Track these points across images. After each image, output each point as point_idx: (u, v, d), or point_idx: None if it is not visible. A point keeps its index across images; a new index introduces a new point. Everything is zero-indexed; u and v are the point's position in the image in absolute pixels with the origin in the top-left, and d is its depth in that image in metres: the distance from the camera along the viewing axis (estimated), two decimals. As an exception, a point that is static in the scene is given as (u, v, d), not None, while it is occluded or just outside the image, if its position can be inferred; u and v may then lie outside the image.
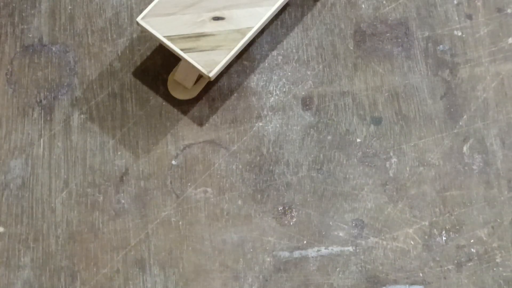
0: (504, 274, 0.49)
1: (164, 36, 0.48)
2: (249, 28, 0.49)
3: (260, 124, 0.53)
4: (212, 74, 0.48)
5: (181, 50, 0.48)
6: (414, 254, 0.49)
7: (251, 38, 0.49)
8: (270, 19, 0.49)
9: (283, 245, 0.50)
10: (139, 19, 0.49)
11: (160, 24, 0.48)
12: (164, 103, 0.53)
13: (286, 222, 0.51)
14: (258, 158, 0.52)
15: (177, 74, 0.51)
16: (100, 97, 0.54)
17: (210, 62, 0.48)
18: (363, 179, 0.51)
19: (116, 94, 0.54)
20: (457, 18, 0.54)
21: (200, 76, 0.49)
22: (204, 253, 0.50)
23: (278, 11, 0.52)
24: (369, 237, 0.50)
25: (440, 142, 0.51)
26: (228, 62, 0.48)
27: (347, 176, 0.51)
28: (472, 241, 0.49)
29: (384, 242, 0.49)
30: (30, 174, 0.52)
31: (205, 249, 0.50)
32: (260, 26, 0.49)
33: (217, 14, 0.49)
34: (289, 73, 0.54)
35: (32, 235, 0.51)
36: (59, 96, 0.54)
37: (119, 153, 0.52)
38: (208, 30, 0.48)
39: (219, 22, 0.49)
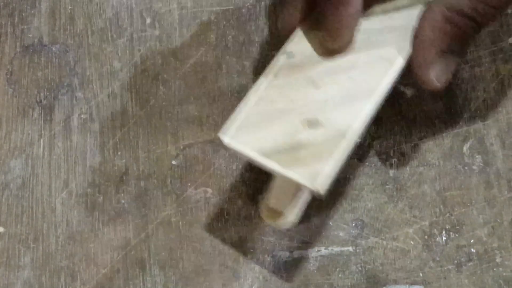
0: (504, 274, 0.49)
1: (257, 153, 0.41)
2: (350, 129, 0.41)
3: (260, 124, 0.53)
4: (321, 188, 0.40)
5: (280, 166, 0.41)
6: (414, 254, 0.49)
7: (354, 141, 0.42)
8: (371, 115, 0.42)
9: (283, 245, 0.50)
10: (224, 137, 0.41)
11: (250, 140, 0.41)
12: (164, 103, 0.53)
13: (286, 222, 0.51)
14: (258, 158, 0.52)
15: (272, 199, 0.45)
16: (100, 97, 0.54)
17: (316, 175, 0.40)
18: (363, 179, 0.51)
19: (116, 94, 0.54)
20: (457, 18, 0.54)
21: (295, 195, 0.43)
22: (204, 253, 0.50)
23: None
24: (369, 237, 0.50)
25: (440, 142, 0.51)
26: (336, 172, 0.41)
27: (347, 176, 0.51)
28: (472, 241, 0.49)
29: (384, 242, 0.49)
30: (30, 174, 0.52)
31: (205, 249, 0.50)
32: (361, 125, 0.42)
33: (311, 119, 0.42)
34: (289, 73, 0.54)
35: (32, 235, 0.51)
36: (59, 96, 0.54)
37: (119, 153, 0.52)
38: (306, 139, 0.41)
39: (316, 127, 0.42)
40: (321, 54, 0.45)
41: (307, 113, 0.43)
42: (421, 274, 0.49)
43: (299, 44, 0.45)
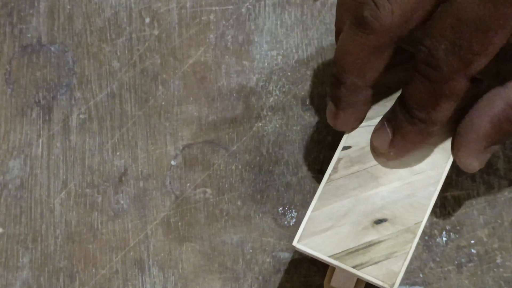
0: (504, 275, 0.49)
1: (330, 256, 0.42)
2: (418, 224, 0.43)
3: (260, 124, 0.52)
4: (395, 286, 0.42)
5: (353, 267, 0.42)
6: (414, 255, 0.49)
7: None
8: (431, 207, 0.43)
9: (283, 245, 0.50)
10: (295, 243, 0.43)
11: (320, 244, 0.42)
12: (163, 104, 0.53)
13: (286, 222, 0.50)
14: (258, 158, 0.52)
15: (334, 281, 0.46)
16: (99, 97, 0.53)
17: (390, 274, 0.42)
18: (363, 180, 0.51)
19: (115, 94, 0.53)
20: (457, 18, 0.54)
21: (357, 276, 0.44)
22: (203, 254, 0.50)
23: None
24: (369, 237, 0.49)
25: (441, 142, 0.51)
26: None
27: (347, 176, 0.51)
28: (472, 241, 0.49)
29: (384, 243, 0.49)
30: (29, 174, 0.52)
31: (205, 250, 0.50)
32: (427, 219, 0.43)
33: (377, 216, 0.43)
34: (289, 73, 0.53)
35: (31, 236, 0.51)
36: (58, 96, 0.54)
37: (118, 153, 0.52)
38: (375, 237, 0.42)
39: (383, 225, 0.43)
40: (378, 156, 0.45)
41: (373, 210, 0.43)
42: (421, 275, 0.49)
43: (355, 137, 0.45)
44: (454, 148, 0.44)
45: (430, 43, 0.40)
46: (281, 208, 0.51)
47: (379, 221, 0.43)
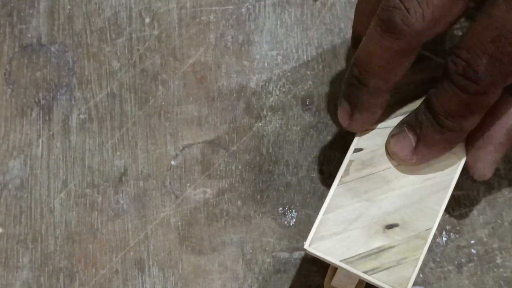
0: (504, 275, 0.49)
1: (341, 261, 0.42)
2: (428, 230, 0.43)
3: (260, 124, 0.52)
4: None
5: (365, 273, 0.42)
6: (414, 255, 0.49)
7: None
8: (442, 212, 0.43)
9: (283, 246, 0.50)
10: (306, 246, 0.42)
11: (332, 247, 0.42)
12: (163, 104, 0.53)
13: (286, 222, 0.50)
14: (258, 158, 0.52)
15: (334, 281, 0.46)
16: (99, 97, 0.53)
17: (401, 280, 0.42)
18: (363, 180, 0.51)
19: (115, 94, 0.53)
20: (457, 18, 0.54)
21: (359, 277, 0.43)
22: (203, 254, 0.50)
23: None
24: (369, 237, 0.49)
25: (441, 142, 0.51)
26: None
27: (347, 176, 0.51)
28: (472, 241, 0.49)
29: (384, 243, 0.49)
30: (29, 174, 0.52)
31: (205, 250, 0.50)
32: (437, 224, 0.43)
33: (388, 221, 0.43)
34: (289, 73, 0.53)
35: (31, 236, 0.51)
36: (58, 96, 0.54)
37: (118, 153, 0.52)
38: (386, 242, 0.42)
39: (394, 230, 0.43)
40: (389, 160, 0.45)
41: (384, 215, 0.43)
42: (421, 275, 0.49)
43: (366, 140, 0.45)
44: (471, 162, 0.45)
45: (469, 56, 0.40)
46: (281, 208, 0.51)
47: (390, 226, 0.43)
